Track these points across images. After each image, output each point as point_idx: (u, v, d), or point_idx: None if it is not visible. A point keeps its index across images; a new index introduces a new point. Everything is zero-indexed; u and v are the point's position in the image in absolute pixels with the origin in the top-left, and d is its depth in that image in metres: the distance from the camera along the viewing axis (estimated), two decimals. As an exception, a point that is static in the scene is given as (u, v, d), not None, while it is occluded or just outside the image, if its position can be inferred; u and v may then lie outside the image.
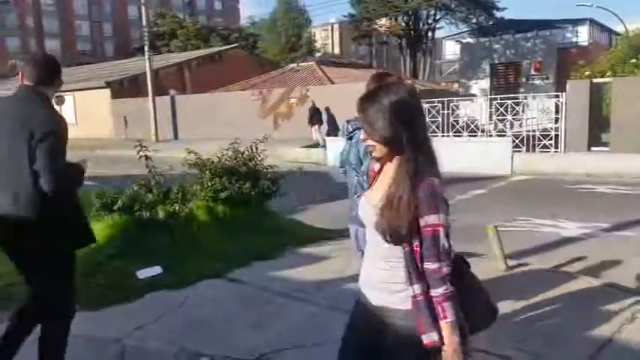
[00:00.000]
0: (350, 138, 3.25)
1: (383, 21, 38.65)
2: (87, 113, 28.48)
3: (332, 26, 78.43)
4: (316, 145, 17.08)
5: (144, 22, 24.44)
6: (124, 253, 5.01)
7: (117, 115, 26.48)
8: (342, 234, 6.30)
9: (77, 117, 28.88)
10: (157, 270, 4.78)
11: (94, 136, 26.44)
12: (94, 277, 4.58)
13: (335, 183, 11.64)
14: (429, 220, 1.65)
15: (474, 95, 23.64)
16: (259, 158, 6.63)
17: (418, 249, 1.69)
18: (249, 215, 5.99)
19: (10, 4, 61.43)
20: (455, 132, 13.89)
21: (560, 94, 13.08)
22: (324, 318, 3.90)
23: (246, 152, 6.29)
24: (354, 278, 4.73)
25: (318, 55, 49.72)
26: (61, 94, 26.65)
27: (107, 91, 27.61)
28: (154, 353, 3.43)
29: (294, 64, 29.85)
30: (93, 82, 29.38)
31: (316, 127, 18.70)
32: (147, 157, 5.58)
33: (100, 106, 27.61)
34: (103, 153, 20.72)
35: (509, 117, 13.37)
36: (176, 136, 23.42)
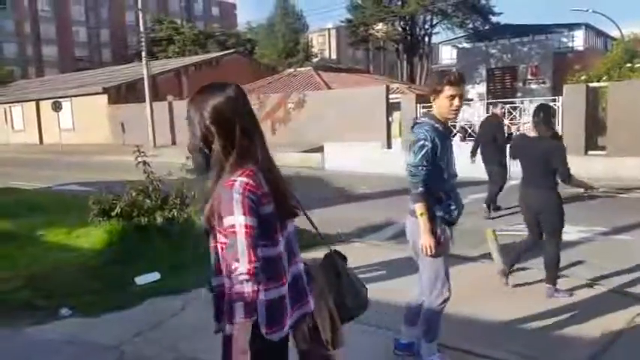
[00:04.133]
0: None
1: (380, 26, 38.78)
2: (84, 119, 28.43)
3: (329, 31, 78.60)
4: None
5: (141, 28, 24.45)
6: (122, 259, 5.00)
7: (114, 121, 26.43)
8: (339, 239, 6.31)
9: (74, 123, 28.84)
10: (155, 276, 4.77)
11: (92, 142, 26.40)
12: (92, 283, 4.57)
13: (331, 188, 11.66)
14: (226, 220, 1.65)
15: (470, 100, 23.68)
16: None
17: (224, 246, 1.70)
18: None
19: (6, 10, 61.42)
20: (452, 136, 13.92)
21: (556, 98, 13.14)
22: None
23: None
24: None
25: (315, 60, 49.80)
26: (59, 100, 26.69)
27: (104, 97, 27.57)
28: (152, 359, 3.41)
29: (292, 70, 29.90)
30: (90, 88, 29.34)
31: None
32: (145, 163, 5.58)
33: (97, 112, 27.58)
34: (101, 159, 20.69)
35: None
36: (174, 142, 23.37)
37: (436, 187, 2.99)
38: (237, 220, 1.61)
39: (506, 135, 8.49)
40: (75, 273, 4.76)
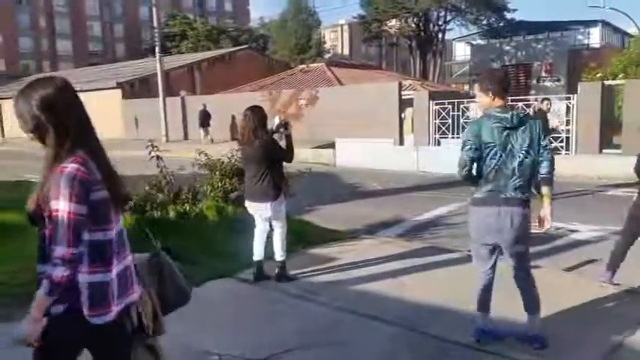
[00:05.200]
0: None
1: (393, 22, 38.61)
2: (98, 113, 28.29)
3: (341, 27, 78.42)
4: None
5: (155, 23, 24.57)
6: (133, 252, 5.04)
7: (128, 116, 26.66)
8: (350, 235, 6.33)
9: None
10: (167, 269, 4.80)
11: (105, 137, 26.30)
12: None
13: (342, 184, 11.67)
14: (52, 204, 1.70)
15: (484, 97, 23.47)
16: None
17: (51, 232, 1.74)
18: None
19: (22, 5, 62.03)
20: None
21: (571, 96, 13.01)
22: (331, 319, 3.92)
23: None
24: (363, 279, 4.77)
25: (327, 56, 49.74)
26: (73, 94, 26.90)
27: (118, 92, 27.79)
28: (163, 351, 3.44)
29: (304, 66, 29.88)
30: (104, 83, 29.60)
31: (206, 128, 21.25)
32: (158, 158, 5.63)
33: (111, 106, 27.79)
34: (114, 153, 20.77)
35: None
36: (186, 137, 23.52)
37: None
38: (62, 205, 1.68)
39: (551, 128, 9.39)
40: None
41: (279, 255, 4.74)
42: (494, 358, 3.23)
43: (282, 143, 4.76)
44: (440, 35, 39.90)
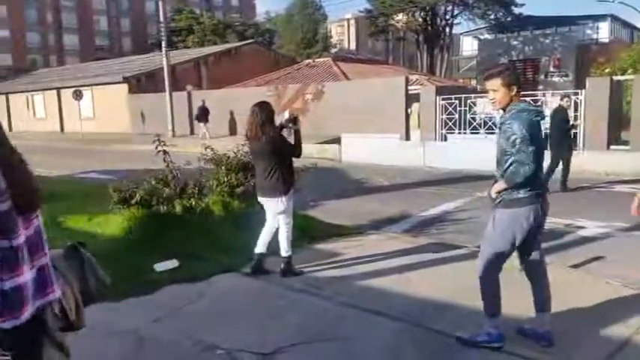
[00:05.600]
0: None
1: (400, 16, 38.42)
2: (104, 108, 28.79)
3: (348, 22, 78.17)
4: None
5: (161, 18, 24.55)
6: (141, 247, 5.08)
7: (134, 110, 26.72)
8: (355, 231, 6.33)
9: (95, 112, 29.23)
10: (173, 263, 4.84)
11: (112, 131, 26.73)
12: (112, 269, 4.64)
13: (348, 180, 11.66)
14: None
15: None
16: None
17: None
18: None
19: (30, 0, 62.22)
20: (472, 129, 13.77)
21: (579, 91, 12.90)
22: (336, 313, 3.93)
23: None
24: (368, 275, 4.77)
25: (334, 50, 49.63)
26: (79, 88, 27.05)
27: (125, 87, 27.86)
28: (170, 345, 3.47)
29: (310, 60, 29.82)
30: (110, 77, 29.68)
31: (203, 124, 21.50)
32: (165, 152, 5.64)
33: (117, 101, 27.88)
34: (121, 147, 20.96)
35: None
36: (192, 132, 23.56)
37: None
38: None
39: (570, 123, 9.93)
40: (95, 259, 4.84)
41: (284, 251, 4.74)
42: (499, 355, 3.23)
43: (292, 139, 4.76)
44: (447, 30, 39.69)
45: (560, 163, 9.14)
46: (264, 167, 4.62)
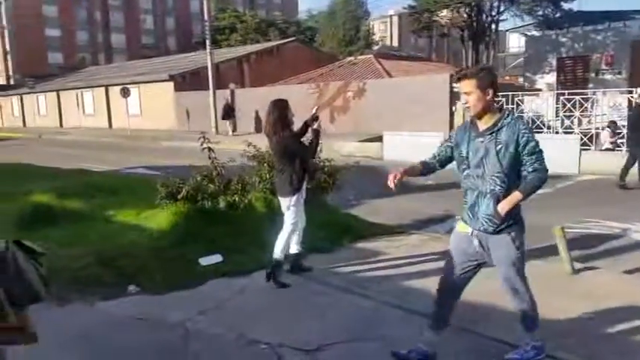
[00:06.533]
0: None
1: (444, 12, 37.73)
2: (151, 105, 29.56)
3: (391, 18, 77.49)
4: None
5: (205, 17, 24.98)
6: (186, 241, 5.19)
7: (179, 108, 27.32)
8: (397, 230, 6.26)
9: (142, 109, 30.05)
10: (217, 258, 4.92)
11: (158, 128, 27.43)
12: (159, 262, 4.77)
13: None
14: None
15: (539, 90, 22.66)
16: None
17: None
18: (306, 208, 6.03)
19: (80, 0, 64.41)
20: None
21: (633, 90, 12.35)
22: (377, 313, 3.89)
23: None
24: (410, 275, 4.71)
25: (376, 48, 49.28)
26: (127, 86, 27.86)
27: (170, 84, 28.50)
28: (215, 337, 3.53)
29: (352, 57, 29.71)
30: (157, 75, 30.43)
31: (228, 121, 22.56)
32: (209, 149, 5.75)
33: (163, 98, 28.58)
34: (167, 144, 21.48)
35: (577, 113, 12.76)
36: (235, 129, 23.90)
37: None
38: None
39: None
40: (142, 252, 4.99)
41: (276, 250, 4.52)
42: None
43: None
44: (493, 26, 38.70)
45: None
46: (277, 165, 4.65)
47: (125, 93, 26.58)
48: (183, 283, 4.41)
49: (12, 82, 53.32)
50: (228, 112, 23.01)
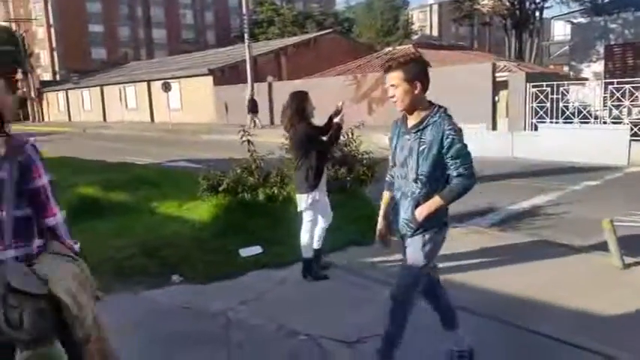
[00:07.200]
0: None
1: (486, 1, 36.74)
2: (191, 99, 30.11)
3: (430, 7, 76.24)
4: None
5: (244, 11, 25.20)
6: (227, 232, 5.27)
7: (218, 102, 27.70)
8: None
9: (182, 103, 30.64)
10: (257, 249, 4.97)
11: (197, 122, 27.94)
12: (201, 253, 4.86)
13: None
14: None
15: (585, 79, 21.82)
16: (355, 144, 6.63)
17: None
18: (345, 200, 6.01)
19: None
20: (565, 118, 12.96)
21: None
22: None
23: (342, 138, 6.29)
24: (450, 269, 4.64)
25: (415, 37, 48.57)
26: (168, 81, 28.46)
27: (210, 78, 28.93)
28: (256, 328, 3.57)
29: (390, 48, 29.37)
30: (197, 70, 30.94)
31: (254, 114, 22.92)
32: (249, 142, 5.80)
33: (203, 92, 29.05)
34: (207, 137, 21.85)
35: (626, 103, 12.22)
36: (272, 122, 24.06)
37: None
38: None
39: None
40: (185, 242, 5.09)
41: (303, 250, 4.45)
42: (585, 354, 3.05)
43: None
44: (537, 13, 37.44)
45: None
46: (294, 160, 4.46)
47: (166, 87, 27.17)
48: (224, 274, 4.48)
49: (57, 77, 55.26)
50: (253, 107, 23.43)
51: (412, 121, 2.69)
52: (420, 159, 2.60)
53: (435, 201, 2.61)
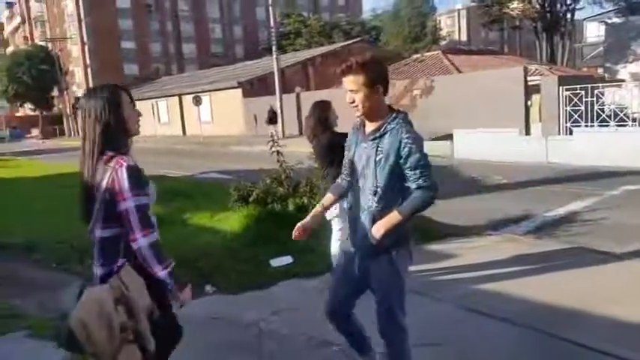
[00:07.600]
0: None
1: (515, 4, 36.21)
2: (221, 112, 30.59)
3: (458, 12, 75.59)
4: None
5: (271, 23, 25.52)
6: (257, 242, 5.30)
7: (247, 113, 28.08)
8: (471, 231, 6.05)
9: (213, 116, 31.14)
10: (288, 259, 4.98)
11: (227, 134, 28.34)
12: (233, 263, 4.91)
13: (462, 178, 11.23)
14: None
15: (622, 81, 21.22)
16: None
17: None
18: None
19: (152, 13, 67.64)
20: (600, 122, 12.61)
21: None
22: (453, 317, 3.78)
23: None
24: (485, 278, 4.55)
25: (443, 43, 48.21)
26: (199, 94, 29.00)
27: (239, 91, 29.37)
28: (288, 338, 3.57)
29: (418, 55, 29.21)
30: (226, 83, 31.45)
31: (273, 125, 22.69)
32: (278, 153, 5.84)
33: (232, 104, 29.49)
34: (237, 149, 22.13)
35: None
36: (300, 132, 24.19)
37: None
38: None
39: None
40: (217, 253, 5.15)
41: (333, 259, 4.29)
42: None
43: None
44: (568, 15, 36.68)
45: None
46: (320, 169, 4.42)
47: (197, 101, 27.67)
48: (256, 284, 4.51)
49: (92, 93, 56.71)
50: (272, 118, 23.63)
51: (370, 127, 2.49)
52: (377, 169, 2.40)
53: (393, 217, 2.38)
